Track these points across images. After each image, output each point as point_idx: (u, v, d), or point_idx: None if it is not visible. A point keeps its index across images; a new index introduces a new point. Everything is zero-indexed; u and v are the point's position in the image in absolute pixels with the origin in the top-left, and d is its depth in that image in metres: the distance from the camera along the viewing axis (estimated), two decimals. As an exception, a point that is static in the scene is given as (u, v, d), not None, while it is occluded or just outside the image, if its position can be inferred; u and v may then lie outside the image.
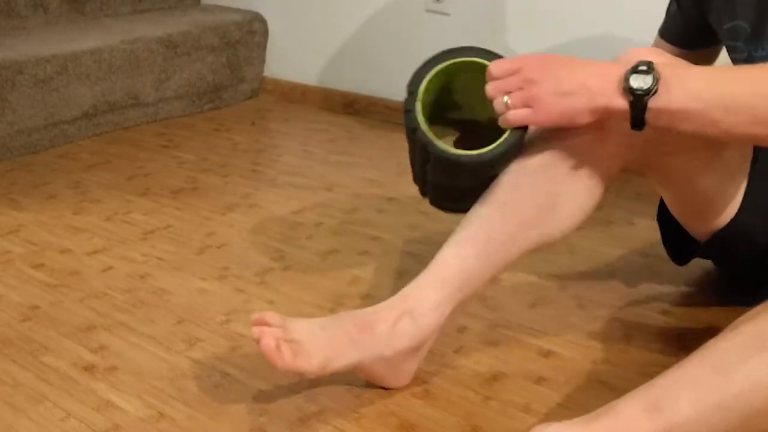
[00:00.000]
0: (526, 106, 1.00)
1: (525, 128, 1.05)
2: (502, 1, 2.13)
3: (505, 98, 1.01)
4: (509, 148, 1.05)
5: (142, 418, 1.08)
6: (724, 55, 1.28)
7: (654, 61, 0.94)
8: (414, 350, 1.08)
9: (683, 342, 1.25)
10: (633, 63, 0.94)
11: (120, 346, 1.25)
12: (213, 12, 2.62)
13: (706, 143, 1.06)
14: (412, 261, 1.50)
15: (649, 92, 0.92)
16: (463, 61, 1.09)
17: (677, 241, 1.31)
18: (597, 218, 1.64)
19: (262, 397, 1.12)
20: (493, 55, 1.07)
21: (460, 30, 2.21)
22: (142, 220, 1.70)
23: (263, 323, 1.02)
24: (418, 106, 1.09)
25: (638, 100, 0.93)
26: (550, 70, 0.99)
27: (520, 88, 0.99)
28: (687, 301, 1.37)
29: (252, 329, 1.01)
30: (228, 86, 2.54)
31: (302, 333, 1.03)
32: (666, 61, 0.98)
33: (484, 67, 1.06)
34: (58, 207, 1.77)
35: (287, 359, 0.99)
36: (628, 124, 0.96)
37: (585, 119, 0.98)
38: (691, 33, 1.29)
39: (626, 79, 0.94)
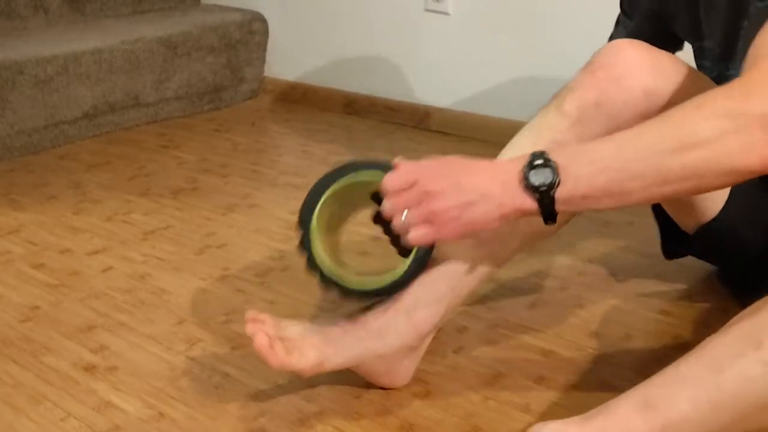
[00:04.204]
0: (427, 222, 0.91)
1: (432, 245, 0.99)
2: (502, 1, 2.13)
3: (404, 216, 0.92)
4: (416, 270, 1.01)
5: (143, 418, 1.08)
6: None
7: (547, 149, 0.89)
8: (411, 348, 1.08)
9: (683, 342, 1.25)
10: (527, 158, 0.88)
11: (120, 346, 1.25)
12: (213, 12, 2.62)
13: None
14: (412, 261, 1.49)
15: (552, 185, 0.87)
16: (353, 181, 1.00)
17: (671, 234, 1.31)
18: (597, 218, 1.65)
19: (262, 398, 1.12)
20: (384, 167, 0.96)
21: (460, 30, 2.21)
22: (142, 221, 1.70)
23: (257, 321, 1.02)
24: (316, 246, 1.01)
25: (545, 197, 0.88)
26: (448, 178, 0.90)
27: (419, 203, 0.91)
28: (687, 301, 1.37)
29: (246, 327, 1.02)
30: (228, 86, 2.54)
31: (296, 331, 1.04)
32: (559, 141, 0.97)
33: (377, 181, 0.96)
34: (59, 207, 1.77)
35: (281, 356, 1.00)
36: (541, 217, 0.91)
37: (494, 226, 0.92)
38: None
39: (526, 178, 0.88)
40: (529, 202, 0.89)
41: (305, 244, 1.01)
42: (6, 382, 1.16)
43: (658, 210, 1.31)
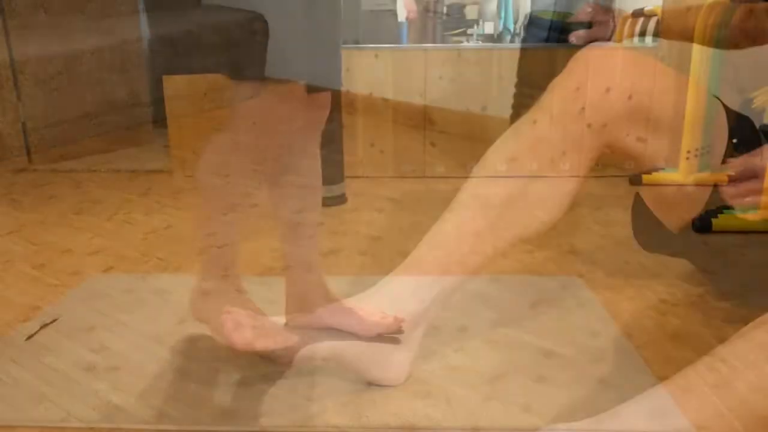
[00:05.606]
0: (756, 199, 0.98)
1: None
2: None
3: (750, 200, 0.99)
4: None
5: (143, 418, 1.08)
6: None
7: None
8: (397, 339, 1.09)
9: (683, 342, 1.25)
10: None
11: (121, 346, 1.25)
12: (213, 12, 2.62)
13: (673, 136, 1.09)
14: (413, 261, 1.49)
15: None
16: None
17: (648, 231, 1.33)
18: (597, 218, 1.65)
19: (263, 397, 1.12)
20: None
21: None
22: (142, 221, 1.70)
23: (230, 312, 1.05)
24: None
25: None
26: None
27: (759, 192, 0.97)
28: (687, 301, 1.37)
29: (221, 317, 1.03)
30: (229, 86, 2.54)
31: (272, 322, 1.07)
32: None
33: None
34: (59, 207, 1.77)
35: (247, 336, 1.02)
36: None
37: None
38: None
39: None
40: None
41: None
42: (6, 382, 1.16)
43: (636, 210, 1.33)
